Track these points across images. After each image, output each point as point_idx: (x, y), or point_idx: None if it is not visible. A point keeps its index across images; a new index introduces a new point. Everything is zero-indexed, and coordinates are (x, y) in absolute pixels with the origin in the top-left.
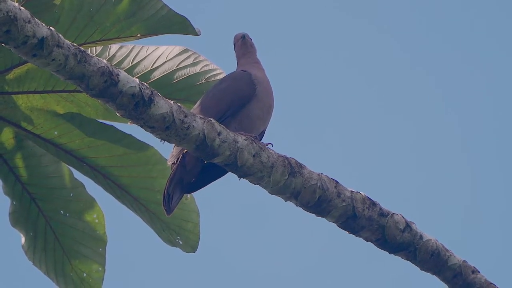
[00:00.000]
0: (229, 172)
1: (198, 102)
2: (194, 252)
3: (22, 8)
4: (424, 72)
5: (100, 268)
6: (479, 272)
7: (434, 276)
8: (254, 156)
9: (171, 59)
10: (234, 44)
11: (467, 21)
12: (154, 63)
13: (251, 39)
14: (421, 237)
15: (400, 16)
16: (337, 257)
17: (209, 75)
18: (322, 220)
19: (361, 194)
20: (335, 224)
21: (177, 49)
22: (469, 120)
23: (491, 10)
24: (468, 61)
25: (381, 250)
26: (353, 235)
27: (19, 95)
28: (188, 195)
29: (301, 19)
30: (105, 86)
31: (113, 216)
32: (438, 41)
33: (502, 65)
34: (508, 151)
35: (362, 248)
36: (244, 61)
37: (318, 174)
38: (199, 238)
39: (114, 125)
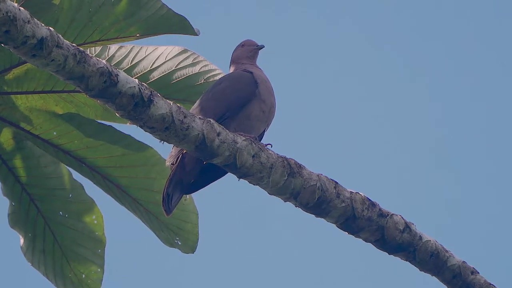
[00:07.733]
0: (229, 173)
1: (197, 102)
2: (193, 253)
3: (21, 8)
4: (422, 73)
5: (99, 270)
6: (478, 273)
7: (434, 277)
8: (253, 156)
9: (170, 59)
10: (242, 45)
11: (464, 21)
12: (153, 63)
13: None
14: (420, 237)
15: (396, 18)
16: (336, 257)
17: (208, 75)
18: (322, 220)
19: (361, 194)
20: (334, 225)
21: (176, 49)
22: (468, 120)
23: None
24: (457, 61)
25: (381, 250)
26: (353, 236)
27: (18, 95)
28: (187, 196)
29: (299, 20)
30: (105, 86)
31: (112, 217)
32: (434, 45)
33: (490, 64)
34: (506, 150)
35: (362, 249)
36: (245, 61)
37: (318, 175)
38: (198, 239)
39: (113, 126)
